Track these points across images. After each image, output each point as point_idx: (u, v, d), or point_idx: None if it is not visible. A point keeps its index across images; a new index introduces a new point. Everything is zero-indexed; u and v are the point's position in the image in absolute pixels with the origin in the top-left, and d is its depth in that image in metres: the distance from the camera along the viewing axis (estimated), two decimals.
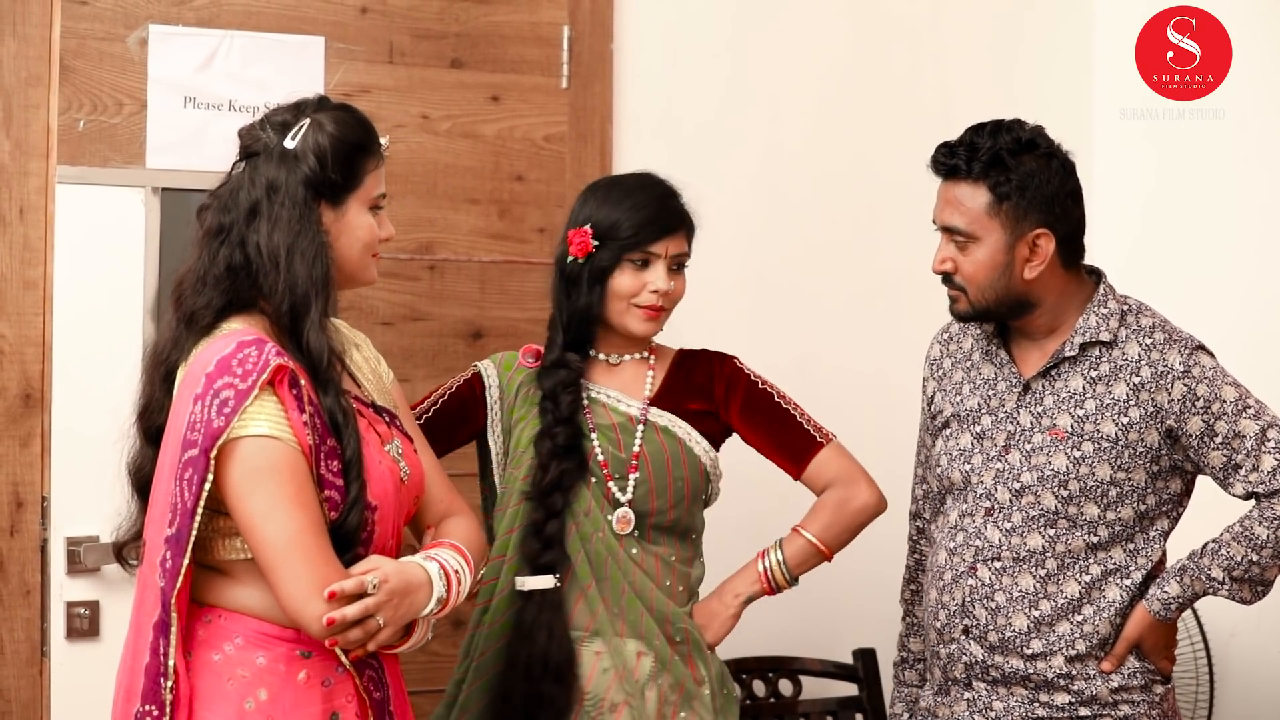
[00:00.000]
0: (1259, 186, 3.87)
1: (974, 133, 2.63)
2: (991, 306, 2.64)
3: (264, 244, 2.23)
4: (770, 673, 3.69)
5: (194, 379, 2.17)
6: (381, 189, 2.38)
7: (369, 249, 2.36)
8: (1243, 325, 3.86)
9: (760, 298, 3.81)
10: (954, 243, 2.64)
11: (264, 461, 2.13)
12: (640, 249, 2.78)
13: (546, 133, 3.55)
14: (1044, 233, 2.60)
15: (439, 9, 3.45)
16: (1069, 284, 2.67)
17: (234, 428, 2.12)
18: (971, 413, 2.70)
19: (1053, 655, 2.62)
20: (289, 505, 2.12)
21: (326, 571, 2.12)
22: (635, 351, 2.89)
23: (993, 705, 2.66)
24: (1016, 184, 2.58)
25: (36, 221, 3.14)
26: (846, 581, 3.79)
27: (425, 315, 3.42)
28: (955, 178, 2.62)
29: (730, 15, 3.80)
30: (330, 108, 2.34)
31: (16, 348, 3.12)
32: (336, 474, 2.19)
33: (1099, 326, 2.63)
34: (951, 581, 2.68)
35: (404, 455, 2.35)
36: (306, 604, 2.11)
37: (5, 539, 3.10)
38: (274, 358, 2.15)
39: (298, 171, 2.26)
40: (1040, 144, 2.62)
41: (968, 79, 3.97)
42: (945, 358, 2.82)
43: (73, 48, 3.15)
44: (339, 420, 2.21)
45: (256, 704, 2.17)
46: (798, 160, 3.84)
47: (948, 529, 2.72)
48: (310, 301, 2.23)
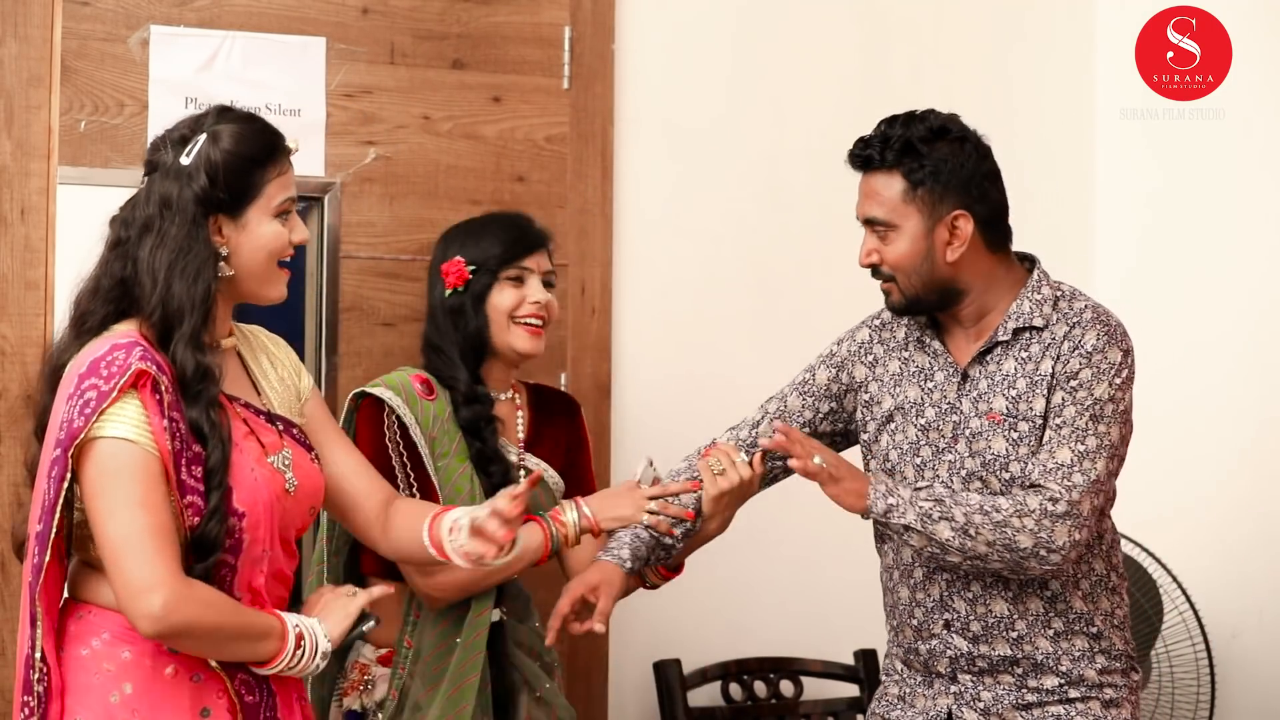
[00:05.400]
0: (1259, 186, 3.88)
1: (887, 124, 2.66)
2: (921, 294, 2.64)
3: (146, 259, 2.27)
4: (772, 673, 3.69)
5: (69, 379, 2.22)
6: (288, 194, 2.37)
7: (275, 256, 2.36)
8: (1243, 324, 3.86)
9: (761, 298, 3.82)
10: (875, 234, 2.66)
11: (114, 464, 2.16)
12: (513, 264, 2.96)
13: (548, 133, 3.55)
14: (961, 214, 2.62)
15: (440, 10, 3.45)
16: (996, 268, 2.67)
17: (92, 428, 2.16)
18: (915, 405, 2.70)
19: (1036, 637, 2.62)
20: (132, 506, 2.15)
21: (162, 572, 2.14)
22: (505, 390, 3.02)
23: (980, 696, 2.66)
24: (930, 169, 2.61)
25: (38, 222, 3.13)
26: (847, 582, 3.79)
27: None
28: (871, 169, 2.66)
29: (731, 15, 3.80)
30: (230, 119, 2.35)
31: (17, 348, 3.11)
32: (199, 480, 2.22)
33: (1032, 312, 2.63)
34: (924, 578, 2.68)
35: (293, 466, 2.37)
36: (134, 600, 2.14)
37: (5, 539, 3.10)
38: (137, 362, 2.18)
39: (190, 188, 2.28)
40: (952, 129, 2.65)
41: (968, 79, 3.97)
42: (876, 344, 2.80)
43: (74, 48, 3.15)
44: (203, 430, 2.24)
45: (122, 697, 2.21)
46: (799, 161, 3.84)
47: None
48: (183, 317, 2.25)
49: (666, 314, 3.72)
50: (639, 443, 3.62)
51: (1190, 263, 3.97)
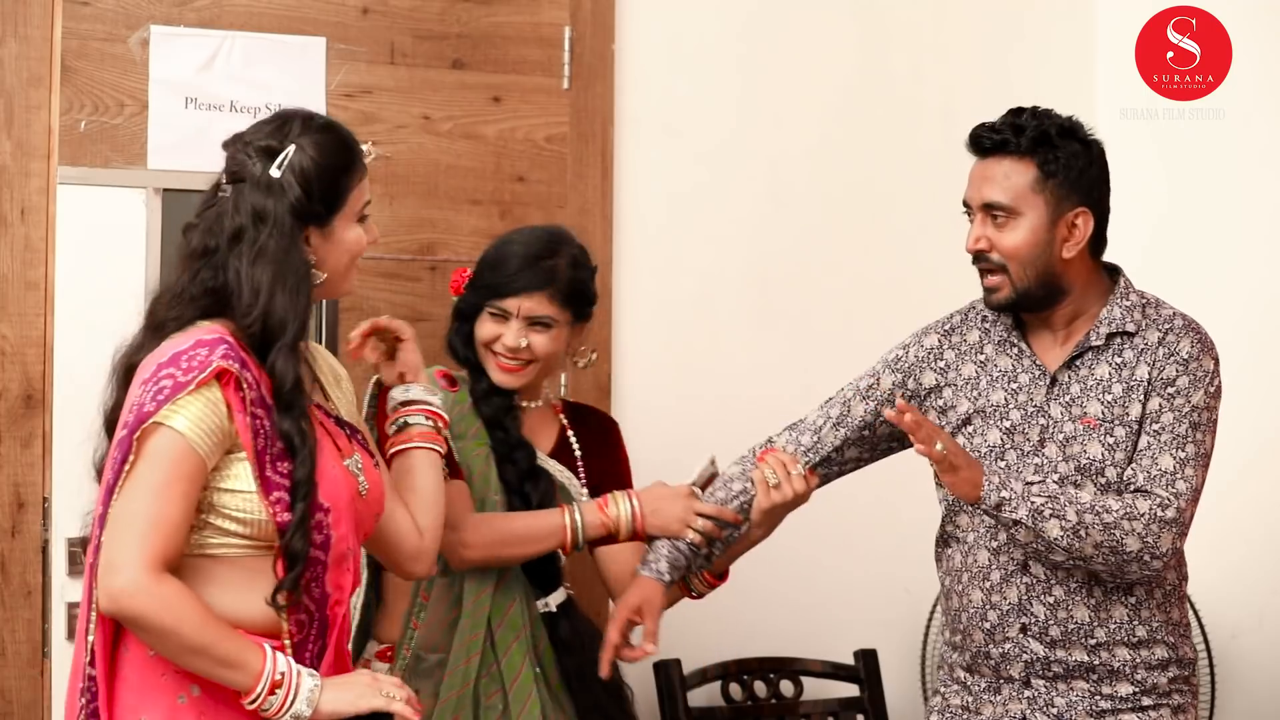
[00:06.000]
0: (1260, 186, 3.87)
1: (1015, 114, 2.67)
2: (1033, 288, 2.63)
3: (245, 271, 2.27)
4: (772, 673, 3.69)
5: (146, 367, 2.23)
6: (366, 198, 2.40)
7: (355, 258, 2.40)
8: (1246, 324, 3.86)
9: (761, 298, 3.82)
10: (991, 220, 2.64)
11: (156, 449, 2.16)
12: (496, 302, 2.85)
13: (548, 133, 3.55)
14: (1084, 211, 2.63)
15: (440, 10, 3.45)
16: (1094, 273, 2.69)
17: (161, 414, 2.16)
18: (998, 407, 2.68)
19: (1116, 645, 2.61)
20: (147, 490, 2.15)
21: (134, 557, 2.13)
22: (534, 399, 2.98)
23: (1054, 702, 2.64)
24: (1063, 163, 2.62)
25: (38, 222, 3.14)
26: (847, 582, 3.80)
27: (427, 316, 3.42)
28: (1000, 153, 2.64)
29: (731, 15, 3.80)
30: (313, 129, 2.36)
31: (18, 348, 3.12)
32: (284, 475, 2.23)
33: (1124, 317, 2.65)
34: (1002, 580, 2.66)
35: (364, 470, 2.38)
36: (102, 574, 2.14)
37: (6, 540, 3.10)
38: (219, 360, 2.19)
39: (284, 200, 2.29)
40: (1080, 130, 2.68)
41: (969, 79, 3.97)
42: (948, 349, 2.77)
43: (74, 48, 3.15)
44: (294, 443, 2.24)
45: (190, 699, 2.20)
46: (799, 160, 3.84)
47: (983, 528, 2.69)
48: (285, 329, 2.27)
49: (666, 314, 3.72)
50: (639, 443, 3.61)
51: (1191, 263, 3.97)
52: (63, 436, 3.13)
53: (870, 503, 3.60)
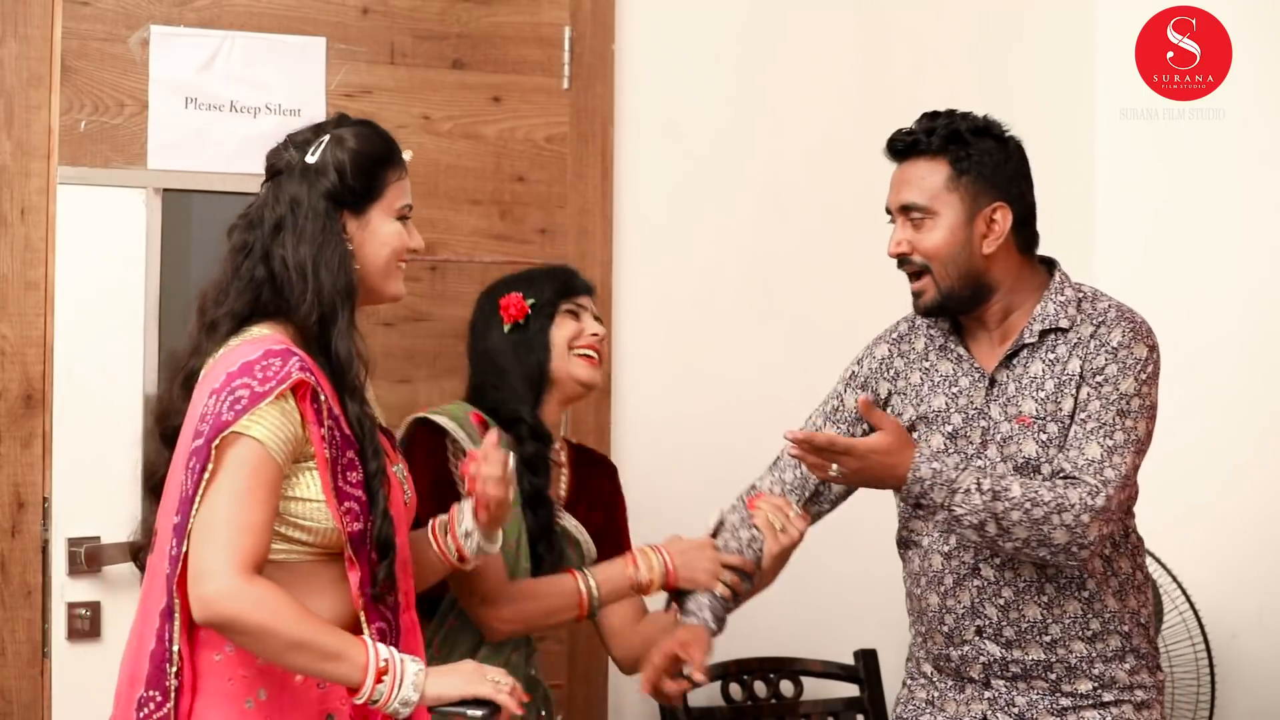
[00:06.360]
0: (1260, 186, 3.88)
1: (929, 117, 2.69)
2: (956, 287, 2.64)
3: (290, 257, 2.31)
4: (771, 673, 3.69)
5: (215, 376, 2.24)
6: (406, 200, 2.44)
7: (396, 256, 2.42)
8: (1244, 325, 3.86)
9: (761, 297, 3.82)
10: (910, 223, 2.67)
11: (238, 458, 2.18)
12: (570, 299, 3.00)
13: (548, 133, 3.55)
14: (1001, 206, 2.63)
15: (440, 10, 3.45)
16: (1024, 269, 2.68)
17: (240, 424, 2.18)
18: (940, 413, 2.70)
19: (1071, 640, 2.62)
20: (231, 497, 2.17)
21: (224, 562, 2.14)
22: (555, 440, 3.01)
23: (1015, 701, 2.66)
24: (975, 159, 2.63)
25: (38, 222, 3.13)
26: (847, 582, 3.80)
27: (427, 316, 3.42)
28: (914, 155, 2.67)
29: (732, 15, 3.80)
30: (351, 124, 2.42)
31: (18, 348, 3.12)
32: (356, 485, 2.25)
33: (1057, 313, 2.64)
34: (955, 584, 2.68)
35: (407, 479, 2.43)
36: (193, 582, 2.15)
37: (6, 540, 3.10)
38: (297, 371, 2.22)
39: (319, 185, 2.34)
40: (994, 128, 2.68)
41: (968, 79, 3.96)
42: (896, 358, 2.80)
43: (74, 48, 3.15)
44: (364, 428, 2.28)
45: (256, 703, 2.22)
46: (799, 160, 3.85)
47: (936, 533, 2.71)
48: (337, 310, 2.31)
49: (666, 314, 3.72)
50: (639, 444, 3.62)
51: (1191, 264, 3.97)
52: (63, 436, 3.13)
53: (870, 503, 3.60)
